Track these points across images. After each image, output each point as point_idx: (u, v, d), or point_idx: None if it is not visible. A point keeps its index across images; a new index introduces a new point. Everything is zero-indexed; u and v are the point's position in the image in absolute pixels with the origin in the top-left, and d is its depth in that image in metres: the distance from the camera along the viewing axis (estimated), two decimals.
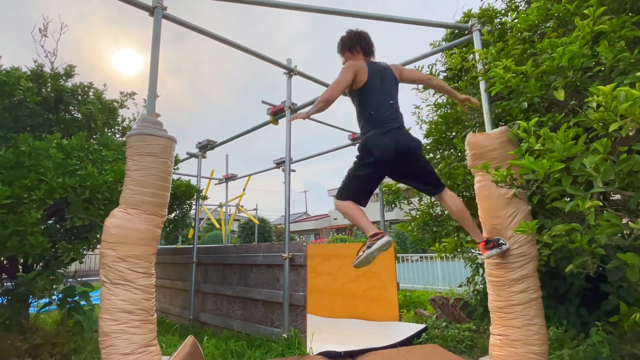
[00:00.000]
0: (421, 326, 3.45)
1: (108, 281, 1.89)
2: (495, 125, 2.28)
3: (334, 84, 2.33)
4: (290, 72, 3.66)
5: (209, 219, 10.80)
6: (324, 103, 2.29)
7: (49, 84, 3.44)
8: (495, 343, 1.99)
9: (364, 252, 2.17)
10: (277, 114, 4.03)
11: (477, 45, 2.58)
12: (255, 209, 13.27)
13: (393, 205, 3.84)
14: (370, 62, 2.47)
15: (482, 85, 2.38)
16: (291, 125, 3.66)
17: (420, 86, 3.26)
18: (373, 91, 2.36)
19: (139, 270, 1.94)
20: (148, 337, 1.90)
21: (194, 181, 5.29)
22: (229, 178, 7.81)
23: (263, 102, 4.12)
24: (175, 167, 4.42)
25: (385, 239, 2.15)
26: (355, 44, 2.54)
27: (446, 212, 3.18)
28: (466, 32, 2.74)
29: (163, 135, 2.16)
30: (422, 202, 3.42)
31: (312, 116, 2.43)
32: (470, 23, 2.66)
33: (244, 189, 10.04)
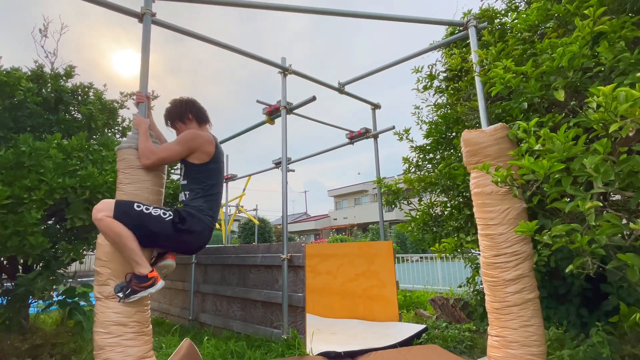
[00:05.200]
0: (421, 326, 3.45)
1: (102, 297, 1.88)
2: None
3: (170, 150, 2.10)
4: (285, 71, 3.66)
5: None
6: (149, 163, 2.03)
7: (49, 85, 3.45)
8: (493, 344, 1.98)
9: (124, 292, 1.84)
10: (272, 113, 4.03)
11: (473, 41, 2.58)
12: (255, 209, 13.29)
13: (393, 206, 3.83)
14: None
15: (477, 83, 2.38)
16: (287, 124, 3.66)
17: (421, 86, 3.25)
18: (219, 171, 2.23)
19: None
20: (143, 349, 1.89)
21: None
22: (229, 178, 7.80)
23: (258, 101, 4.12)
24: (175, 167, 4.42)
25: (160, 284, 1.92)
26: (186, 112, 2.30)
27: (446, 213, 3.18)
28: (462, 29, 2.75)
29: None
30: (422, 202, 3.42)
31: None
32: (466, 19, 2.66)
33: (244, 189, 10.06)
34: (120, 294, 1.84)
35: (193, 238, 2.08)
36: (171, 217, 2.00)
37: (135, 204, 1.95)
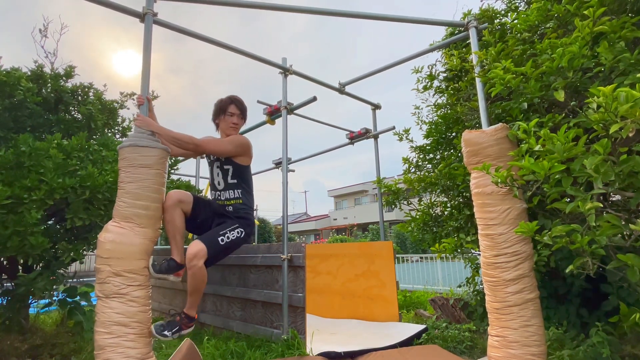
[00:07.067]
0: (421, 327, 3.45)
1: (103, 296, 1.88)
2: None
3: (220, 145, 2.48)
4: (286, 71, 3.66)
5: None
6: (193, 146, 2.34)
7: (49, 85, 3.45)
8: (493, 344, 1.98)
9: (172, 330, 2.15)
10: (273, 113, 4.03)
11: (474, 42, 2.59)
12: (255, 210, 13.28)
13: (393, 206, 3.84)
14: None
15: (478, 83, 2.38)
16: (287, 124, 3.66)
17: (420, 86, 3.25)
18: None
19: (135, 283, 1.92)
20: (144, 351, 1.89)
21: (194, 181, 5.30)
22: None
23: (259, 101, 4.12)
24: (175, 168, 4.42)
25: (191, 329, 2.28)
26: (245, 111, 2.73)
27: (446, 213, 3.18)
28: (462, 29, 2.75)
29: (157, 147, 2.11)
30: (422, 203, 3.42)
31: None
32: (466, 20, 2.66)
33: None
34: (167, 332, 2.07)
35: (251, 234, 2.55)
36: (243, 232, 2.42)
37: (220, 239, 2.30)
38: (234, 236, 2.34)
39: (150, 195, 2.04)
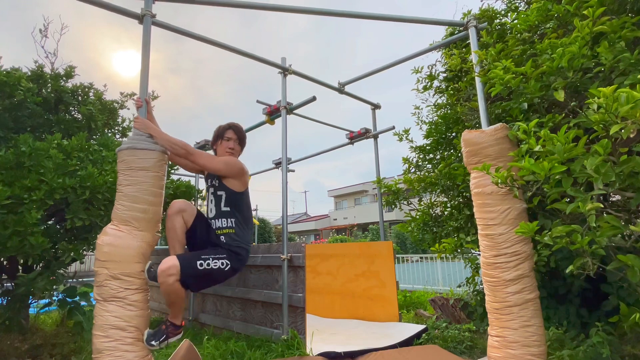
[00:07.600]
0: (421, 327, 3.45)
1: (101, 299, 1.87)
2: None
3: (211, 160, 2.34)
4: (285, 71, 3.66)
5: None
6: (184, 152, 2.21)
7: (49, 85, 3.45)
8: (493, 344, 1.98)
9: (159, 339, 2.07)
10: (272, 113, 4.03)
11: (473, 41, 2.59)
12: (255, 210, 13.29)
13: (393, 206, 3.84)
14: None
15: (477, 83, 2.38)
16: (287, 124, 3.66)
17: (420, 86, 3.25)
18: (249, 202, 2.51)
19: (133, 287, 1.90)
20: (141, 354, 1.88)
21: (193, 181, 5.29)
22: None
23: (258, 101, 4.12)
24: (175, 168, 4.42)
25: (180, 336, 2.22)
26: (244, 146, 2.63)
27: (446, 213, 3.18)
28: (462, 29, 2.75)
29: (155, 149, 2.09)
30: (421, 203, 3.42)
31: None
32: (466, 19, 2.66)
33: None
34: (154, 342, 2.00)
35: (238, 270, 2.37)
36: (229, 265, 2.23)
37: (198, 263, 2.12)
38: (215, 265, 2.16)
39: (148, 198, 2.02)
